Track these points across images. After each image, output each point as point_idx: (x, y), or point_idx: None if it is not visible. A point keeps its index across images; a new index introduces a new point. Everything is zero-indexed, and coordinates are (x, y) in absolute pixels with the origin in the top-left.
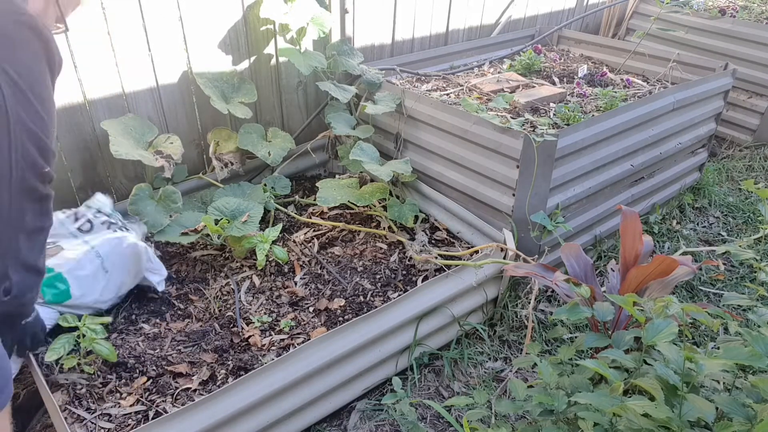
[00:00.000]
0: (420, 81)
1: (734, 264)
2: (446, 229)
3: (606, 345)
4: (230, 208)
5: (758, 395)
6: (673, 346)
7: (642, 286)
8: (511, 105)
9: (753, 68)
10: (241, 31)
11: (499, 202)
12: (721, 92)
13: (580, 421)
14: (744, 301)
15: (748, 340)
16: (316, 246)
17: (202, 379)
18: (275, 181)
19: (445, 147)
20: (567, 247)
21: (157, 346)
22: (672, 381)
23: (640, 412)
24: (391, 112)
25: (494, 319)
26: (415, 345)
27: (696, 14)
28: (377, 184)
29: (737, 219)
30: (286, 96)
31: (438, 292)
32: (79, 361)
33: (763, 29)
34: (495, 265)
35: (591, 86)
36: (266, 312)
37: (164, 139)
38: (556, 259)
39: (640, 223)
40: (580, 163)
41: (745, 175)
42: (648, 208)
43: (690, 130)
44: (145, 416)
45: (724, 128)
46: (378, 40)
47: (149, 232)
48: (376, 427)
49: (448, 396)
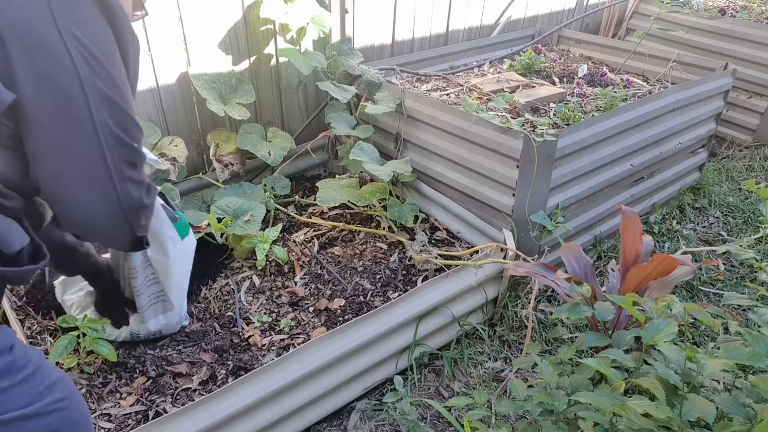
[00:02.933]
0: (420, 81)
1: (734, 264)
2: (446, 229)
3: (606, 345)
4: (233, 207)
5: (758, 395)
6: (673, 345)
7: (642, 286)
8: (511, 105)
9: (753, 68)
10: (241, 31)
11: (499, 202)
12: (721, 92)
13: (580, 421)
14: (744, 301)
15: (748, 340)
16: (316, 246)
17: (202, 379)
18: (275, 181)
19: (445, 147)
20: (567, 247)
21: (156, 346)
22: (672, 381)
23: (640, 412)
24: (391, 112)
25: (494, 319)
26: (415, 345)
27: (696, 14)
28: (377, 184)
29: (737, 219)
30: (286, 96)
31: (438, 292)
32: (79, 361)
33: (763, 29)
34: (495, 265)
35: (591, 86)
36: (266, 312)
37: (168, 141)
38: (556, 259)
39: (640, 222)
40: (580, 163)
41: (745, 175)
42: (648, 208)
43: (690, 130)
44: (145, 416)
45: (724, 128)
46: (378, 40)
47: None
48: (376, 427)
49: (448, 396)
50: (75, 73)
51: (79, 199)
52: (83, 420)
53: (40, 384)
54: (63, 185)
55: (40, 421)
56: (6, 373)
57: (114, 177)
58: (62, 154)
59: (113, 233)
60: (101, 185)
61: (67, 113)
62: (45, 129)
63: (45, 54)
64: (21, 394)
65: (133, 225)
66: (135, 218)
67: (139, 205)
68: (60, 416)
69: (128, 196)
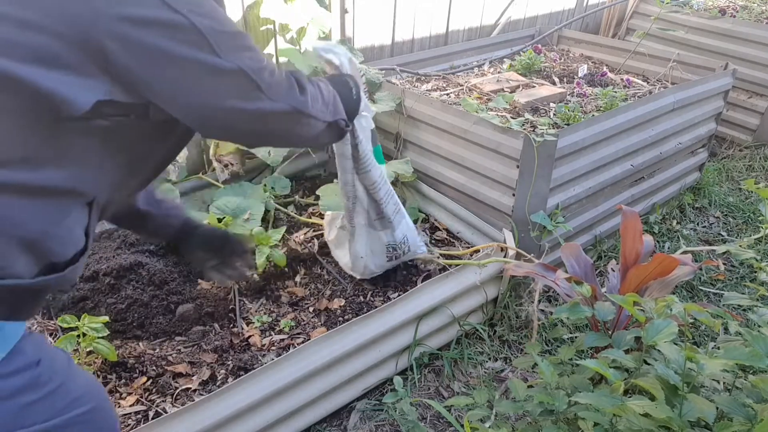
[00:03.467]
0: (420, 81)
1: (734, 264)
2: (446, 229)
3: (606, 345)
4: (231, 206)
5: (758, 395)
6: (673, 346)
7: (642, 286)
8: (511, 105)
9: (753, 68)
10: None
11: (499, 202)
12: (721, 92)
13: (580, 421)
14: (744, 301)
15: (748, 340)
16: (316, 246)
17: (202, 379)
18: (275, 181)
19: (445, 147)
20: (567, 247)
21: (156, 345)
22: (672, 381)
23: (640, 412)
24: (390, 112)
25: (494, 319)
26: (415, 345)
27: (696, 14)
28: None
29: (737, 219)
30: None
31: (438, 292)
32: (79, 361)
33: (763, 29)
34: (495, 265)
35: (591, 86)
36: (266, 312)
37: None
38: (556, 259)
39: (640, 222)
40: (580, 163)
41: (745, 175)
42: (648, 208)
43: (690, 130)
44: (145, 416)
45: (724, 128)
46: (378, 40)
47: None
48: (376, 427)
49: (448, 396)
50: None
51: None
52: (109, 429)
53: (64, 398)
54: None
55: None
56: (30, 388)
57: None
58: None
59: (295, 133)
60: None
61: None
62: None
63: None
64: (43, 409)
65: (304, 113)
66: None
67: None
68: (82, 429)
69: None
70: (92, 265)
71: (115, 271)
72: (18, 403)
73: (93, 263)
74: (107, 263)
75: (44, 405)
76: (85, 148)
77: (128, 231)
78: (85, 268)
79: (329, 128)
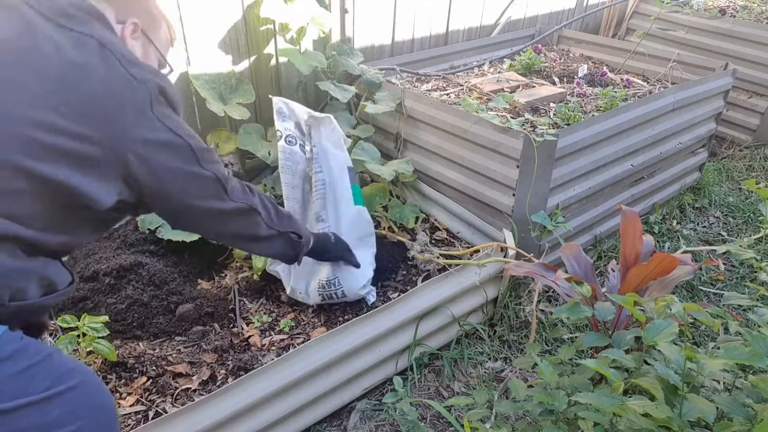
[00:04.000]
0: (420, 81)
1: (734, 264)
2: (446, 229)
3: (606, 345)
4: None
5: (758, 395)
6: (673, 346)
7: (642, 286)
8: (511, 105)
9: (753, 68)
10: (241, 31)
11: (499, 202)
12: (721, 92)
13: (580, 421)
14: (744, 301)
15: (748, 339)
16: None
17: (202, 379)
18: (275, 181)
19: (445, 147)
20: (567, 247)
21: (156, 345)
22: (672, 381)
23: (640, 412)
24: (391, 112)
25: (494, 319)
26: (415, 345)
27: (696, 14)
28: (377, 185)
29: (737, 219)
30: (286, 96)
31: (438, 292)
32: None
33: (763, 29)
34: (495, 265)
35: (591, 86)
36: (266, 312)
37: None
38: (556, 259)
39: (640, 222)
40: (580, 163)
41: (745, 175)
42: (648, 208)
43: (690, 130)
44: (145, 416)
45: (724, 128)
46: (378, 40)
47: (147, 228)
48: (376, 427)
49: (448, 396)
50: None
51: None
52: (108, 406)
53: (60, 367)
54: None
55: (64, 400)
56: (21, 353)
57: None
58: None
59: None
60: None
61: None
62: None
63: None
64: (43, 374)
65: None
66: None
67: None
68: (81, 400)
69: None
70: (92, 265)
71: (115, 271)
72: (12, 370)
73: (93, 263)
74: (107, 263)
75: (44, 370)
76: (86, 225)
77: (127, 231)
78: (85, 268)
79: (281, 237)
